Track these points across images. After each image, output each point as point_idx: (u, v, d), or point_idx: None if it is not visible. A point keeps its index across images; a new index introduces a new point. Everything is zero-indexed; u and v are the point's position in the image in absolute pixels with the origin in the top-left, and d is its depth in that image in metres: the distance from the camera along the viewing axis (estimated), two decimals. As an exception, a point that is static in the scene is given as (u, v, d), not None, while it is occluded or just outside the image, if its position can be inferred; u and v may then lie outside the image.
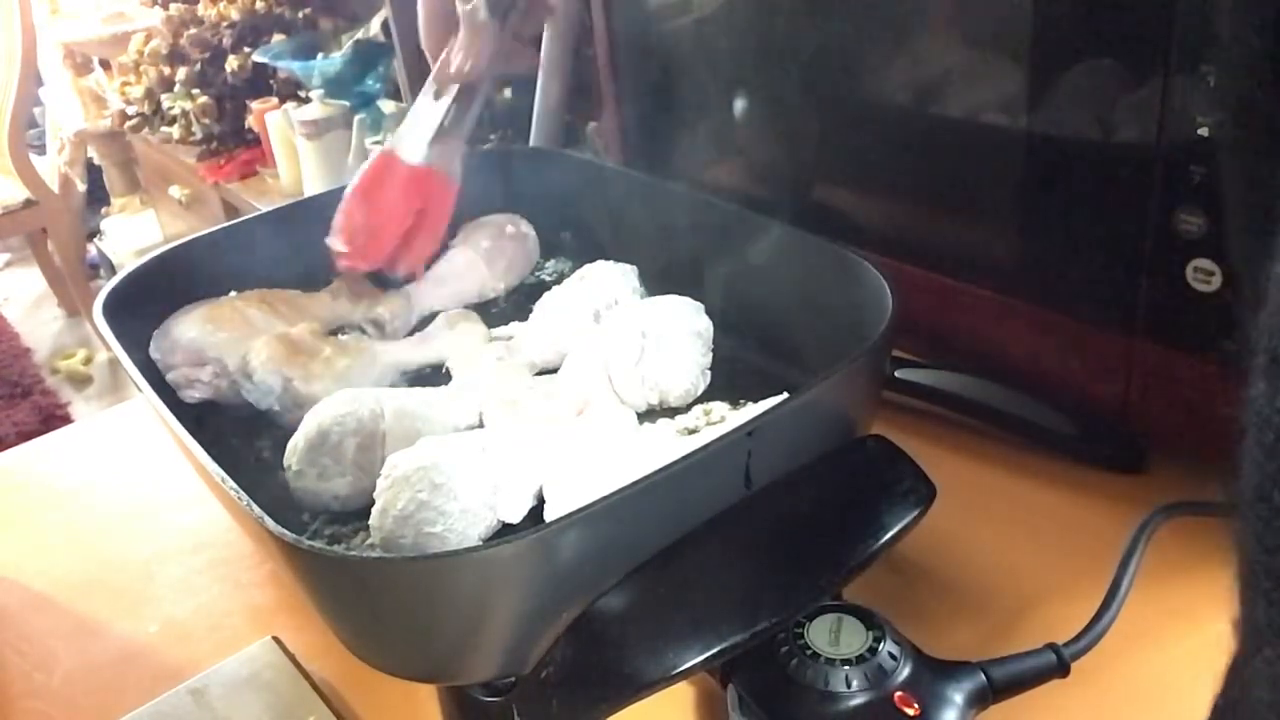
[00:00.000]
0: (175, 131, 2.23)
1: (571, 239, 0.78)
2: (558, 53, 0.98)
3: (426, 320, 0.70)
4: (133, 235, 2.87)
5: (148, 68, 2.20)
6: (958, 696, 0.41)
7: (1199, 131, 0.48)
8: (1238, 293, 0.44)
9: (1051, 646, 0.44)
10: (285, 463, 0.56)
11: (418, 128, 0.58)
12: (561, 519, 0.39)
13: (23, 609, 0.62)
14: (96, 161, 3.10)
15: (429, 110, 0.58)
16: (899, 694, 0.40)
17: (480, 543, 0.49)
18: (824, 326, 0.58)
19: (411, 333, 0.70)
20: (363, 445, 0.55)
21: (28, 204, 2.61)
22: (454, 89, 0.58)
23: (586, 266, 0.68)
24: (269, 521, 0.41)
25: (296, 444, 0.56)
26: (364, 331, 0.72)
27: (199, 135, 2.17)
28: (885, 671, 0.41)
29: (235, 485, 0.44)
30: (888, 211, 0.69)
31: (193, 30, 2.09)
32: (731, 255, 0.64)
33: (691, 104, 0.76)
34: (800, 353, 0.61)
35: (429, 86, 0.58)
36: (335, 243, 0.58)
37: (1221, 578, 0.55)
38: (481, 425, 0.60)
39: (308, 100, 1.81)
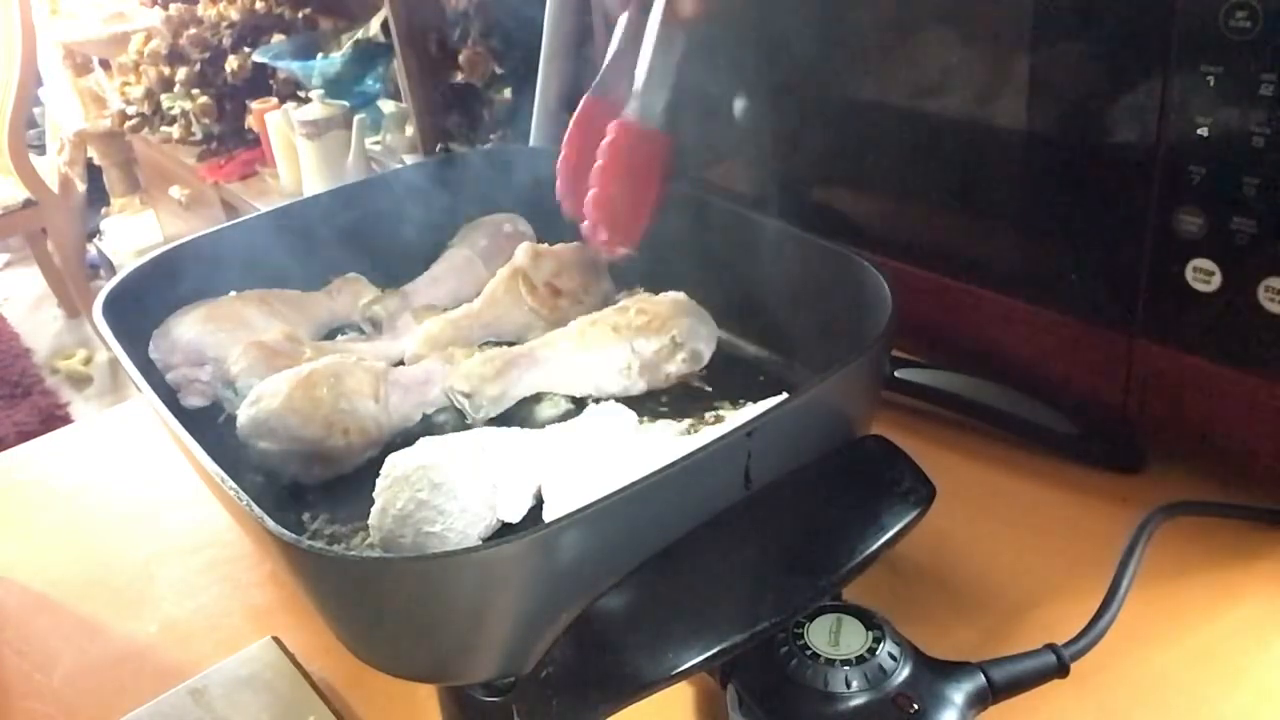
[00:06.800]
0: (175, 131, 2.23)
1: (570, 239, 0.78)
2: (558, 52, 0.97)
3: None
4: (133, 235, 2.87)
5: (148, 68, 2.20)
6: (957, 697, 0.41)
7: (1199, 131, 0.48)
8: None
9: (1051, 647, 0.44)
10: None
11: (657, 88, 0.50)
12: (561, 519, 0.39)
13: (23, 609, 0.61)
14: (96, 161, 3.10)
15: (664, 66, 0.50)
16: (899, 694, 0.40)
17: (480, 542, 0.49)
18: (824, 326, 0.58)
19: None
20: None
21: (28, 204, 2.61)
22: (679, 35, 0.50)
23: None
24: (269, 522, 0.41)
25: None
26: (361, 331, 0.72)
27: (199, 135, 2.18)
28: (885, 672, 0.41)
29: (235, 485, 0.44)
30: (888, 211, 0.69)
31: (193, 30, 2.09)
32: (731, 255, 0.64)
33: (691, 104, 0.76)
34: (800, 353, 0.62)
35: (653, 37, 0.50)
36: (596, 230, 0.53)
37: (1221, 578, 0.55)
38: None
39: (308, 100, 1.81)
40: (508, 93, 1.45)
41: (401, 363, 0.65)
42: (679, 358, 0.62)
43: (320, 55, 1.87)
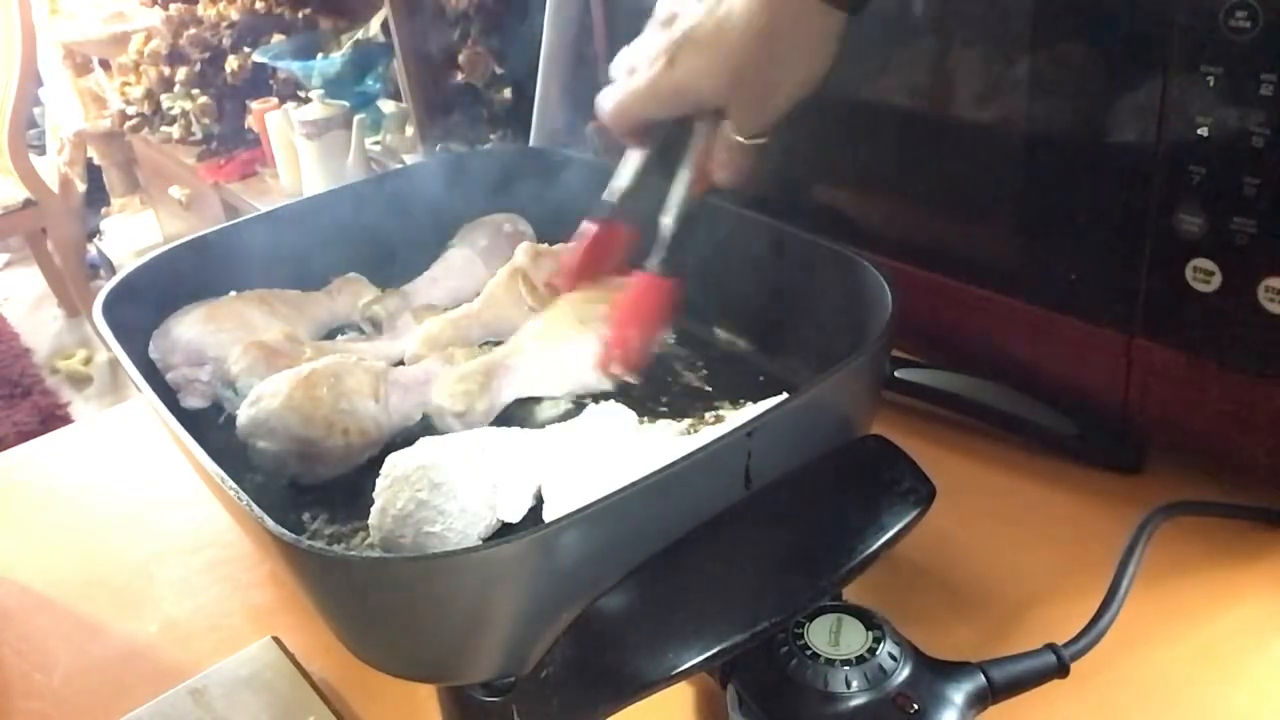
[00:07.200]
0: (175, 132, 2.23)
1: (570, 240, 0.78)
2: (558, 52, 0.98)
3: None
4: (133, 235, 2.88)
5: (148, 68, 2.20)
6: (957, 697, 0.41)
7: (1199, 131, 0.48)
8: None
9: (1051, 647, 0.44)
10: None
11: (682, 243, 0.57)
12: (561, 519, 0.39)
13: (23, 609, 0.62)
14: (96, 161, 3.10)
15: (690, 224, 0.57)
16: (899, 694, 0.40)
17: (480, 542, 0.49)
18: (824, 326, 0.58)
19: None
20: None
21: (28, 204, 2.61)
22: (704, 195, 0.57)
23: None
24: (269, 522, 0.41)
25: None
26: (362, 331, 0.72)
27: (199, 135, 2.18)
28: (885, 672, 0.41)
29: (235, 485, 0.44)
30: (888, 211, 0.69)
31: (193, 30, 2.10)
32: (732, 255, 0.64)
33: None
34: (800, 353, 0.61)
35: (680, 195, 0.57)
36: (608, 364, 0.61)
37: (1221, 578, 0.55)
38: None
39: (308, 100, 1.82)
40: (508, 93, 1.45)
41: (401, 363, 0.65)
42: None
43: (320, 55, 1.87)
